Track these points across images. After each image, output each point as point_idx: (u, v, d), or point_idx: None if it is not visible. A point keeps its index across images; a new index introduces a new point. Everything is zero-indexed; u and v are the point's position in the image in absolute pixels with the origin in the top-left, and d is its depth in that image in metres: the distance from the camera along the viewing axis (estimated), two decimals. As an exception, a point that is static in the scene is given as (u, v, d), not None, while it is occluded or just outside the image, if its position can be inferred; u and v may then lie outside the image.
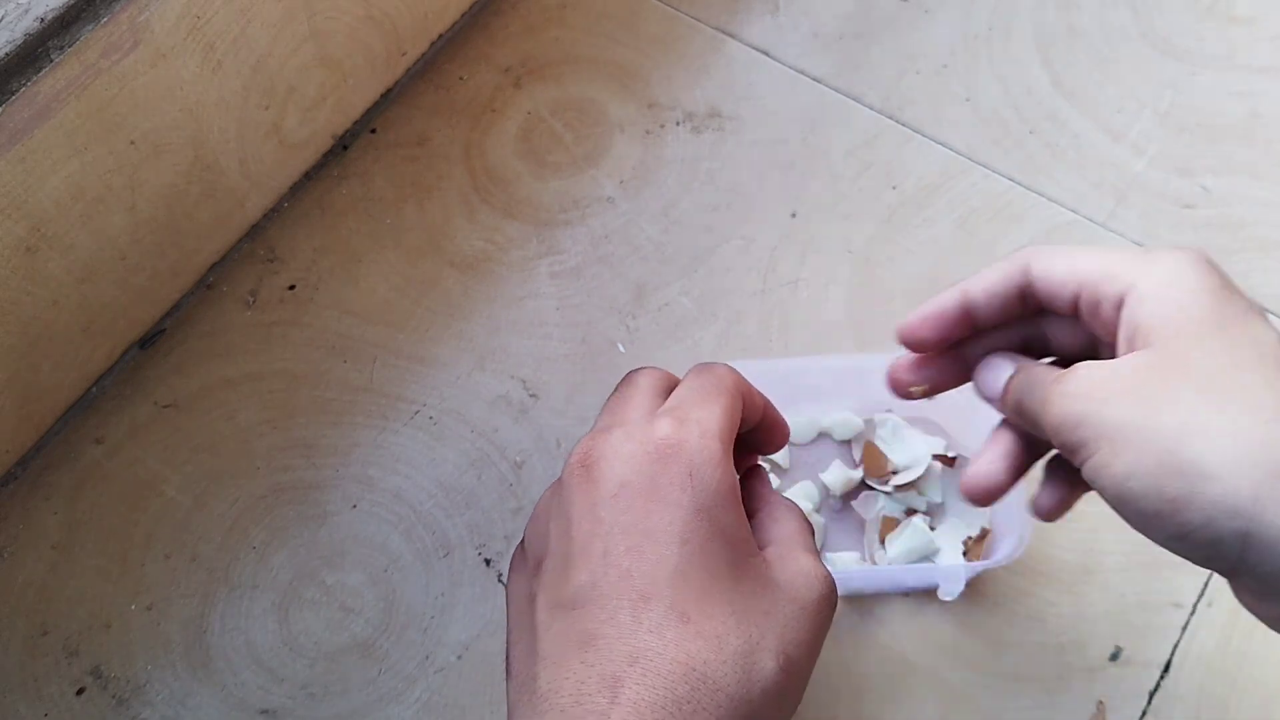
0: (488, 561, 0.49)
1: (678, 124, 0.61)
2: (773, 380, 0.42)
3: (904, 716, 0.46)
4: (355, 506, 0.51)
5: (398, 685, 0.47)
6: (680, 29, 0.64)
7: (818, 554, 0.35)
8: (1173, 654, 0.47)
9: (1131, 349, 0.31)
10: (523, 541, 0.36)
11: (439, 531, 0.50)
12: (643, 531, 0.32)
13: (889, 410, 0.51)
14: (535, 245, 0.57)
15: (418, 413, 0.53)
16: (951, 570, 0.45)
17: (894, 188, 0.58)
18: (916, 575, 0.47)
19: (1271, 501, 0.27)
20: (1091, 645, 0.47)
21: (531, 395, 0.53)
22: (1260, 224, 0.57)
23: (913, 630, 0.47)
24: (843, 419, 0.51)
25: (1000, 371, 0.36)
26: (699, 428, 0.33)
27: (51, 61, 0.41)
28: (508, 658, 0.34)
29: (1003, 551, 0.45)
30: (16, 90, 0.40)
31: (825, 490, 0.50)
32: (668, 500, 0.32)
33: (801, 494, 0.49)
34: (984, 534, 0.48)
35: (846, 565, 0.48)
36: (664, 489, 0.32)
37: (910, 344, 0.37)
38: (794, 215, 0.58)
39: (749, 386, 0.37)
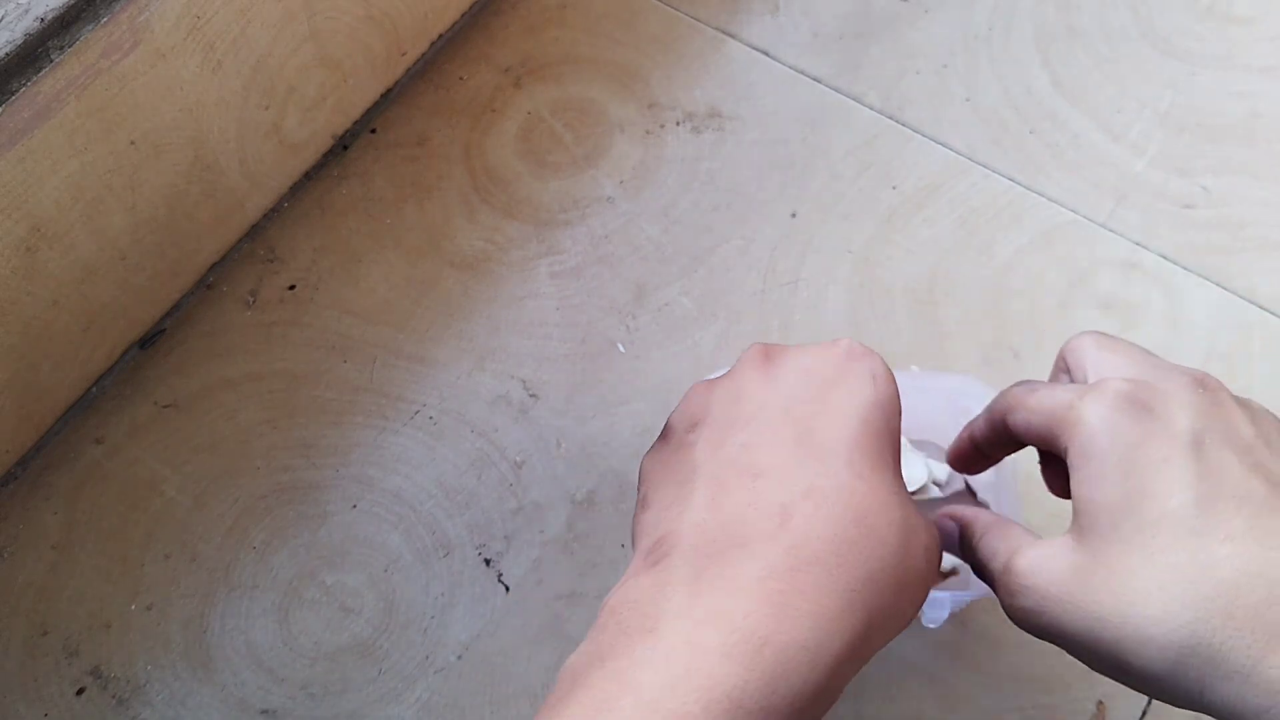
0: (488, 561, 0.49)
1: (678, 124, 0.61)
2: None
3: (904, 716, 0.46)
4: (355, 506, 0.51)
5: (398, 685, 0.47)
6: (680, 29, 0.64)
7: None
8: (1173, 654, 0.47)
9: (1073, 519, 0.32)
10: (667, 425, 0.36)
11: (439, 531, 0.50)
12: (825, 405, 0.32)
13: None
14: (535, 245, 0.57)
15: (418, 413, 0.53)
16: (937, 599, 0.45)
17: (894, 188, 0.58)
18: None
19: (1216, 695, 0.28)
20: (1091, 645, 0.47)
21: (531, 395, 0.53)
22: (1260, 224, 0.57)
23: (913, 630, 0.47)
24: None
25: (951, 534, 0.37)
26: (876, 355, 0.34)
27: (51, 61, 0.41)
28: (642, 500, 0.33)
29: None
30: (16, 90, 0.40)
31: None
32: (851, 388, 0.33)
33: None
34: (953, 572, 0.47)
35: None
36: (849, 379, 0.33)
37: (956, 469, 0.40)
38: (794, 215, 0.58)
39: None
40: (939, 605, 0.45)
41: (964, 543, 0.37)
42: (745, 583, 0.28)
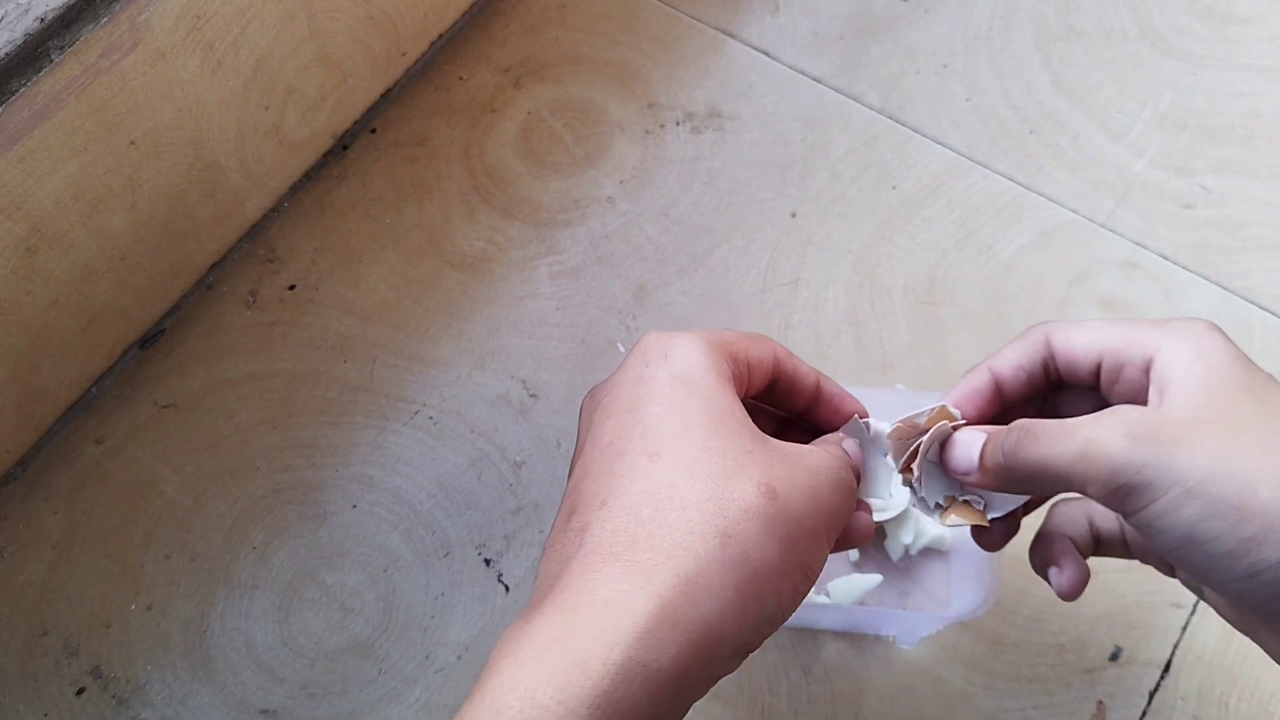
0: (488, 561, 0.49)
1: (678, 124, 0.61)
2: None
3: (904, 716, 0.46)
4: (355, 506, 0.51)
5: (398, 685, 0.47)
6: (680, 29, 0.64)
7: (848, 464, 0.34)
8: (1173, 654, 0.47)
9: (1165, 403, 0.31)
10: None
11: (439, 531, 0.50)
12: (625, 406, 0.33)
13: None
14: (535, 245, 0.57)
15: (418, 413, 0.53)
16: (911, 621, 0.45)
17: (894, 188, 0.58)
18: (875, 621, 0.47)
19: None
20: (1091, 645, 0.47)
21: (531, 395, 0.53)
22: (1260, 224, 0.57)
23: (912, 633, 0.47)
24: None
25: (973, 444, 0.35)
26: (679, 331, 0.34)
27: (52, 61, 0.41)
28: None
29: (969, 606, 0.44)
30: (17, 90, 0.40)
31: None
32: (644, 378, 0.33)
33: None
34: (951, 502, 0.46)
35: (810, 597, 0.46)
36: (644, 370, 0.33)
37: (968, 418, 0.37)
38: (794, 215, 0.58)
39: (760, 343, 0.36)
40: (912, 631, 0.45)
41: (994, 436, 0.34)
42: (544, 606, 0.29)
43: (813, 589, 0.36)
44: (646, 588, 0.28)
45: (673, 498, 0.30)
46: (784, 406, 0.38)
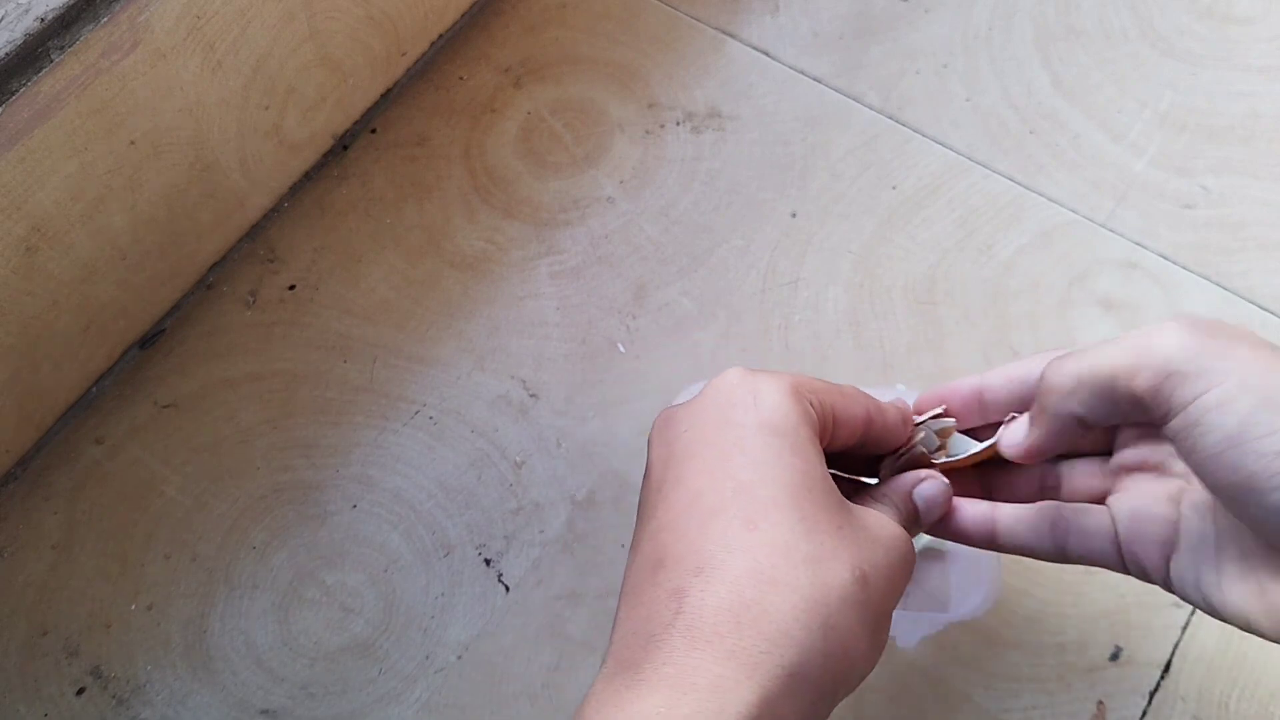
0: (488, 561, 0.49)
1: (678, 124, 0.61)
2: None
3: (904, 716, 0.46)
4: (355, 506, 0.51)
5: (398, 685, 0.47)
6: (680, 29, 0.64)
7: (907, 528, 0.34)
8: (1173, 654, 0.47)
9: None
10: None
11: (439, 531, 0.50)
12: (712, 452, 0.32)
13: None
14: (535, 245, 0.57)
15: (418, 413, 0.53)
16: (911, 621, 0.45)
17: (894, 188, 0.58)
18: None
19: None
20: (1091, 645, 0.47)
21: (531, 395, 0.53)
22: (1260, 224, 0.57)
23: (910, 634, 0.47)
24: None
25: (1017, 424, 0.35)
26: (765, 373, 0.33)
27: (52, 61, 0.41)
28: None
29: (969, 606, 0.45)
30: (17, 90, 0.40)
31: None
32: (732, 421, 0.32)
33: None
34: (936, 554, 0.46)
35: None
36: (731, 413, 0.32)
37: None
38: (794, 215, 0.58)
39: (851, 400, 0.35)
40: (911, 630, 0.45)
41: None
42: (645, 675, 0.29)
43: None
44: (753, 677, 0.28)
45: (776, 580, 0.29)
46: (867, 453, 0.37)
